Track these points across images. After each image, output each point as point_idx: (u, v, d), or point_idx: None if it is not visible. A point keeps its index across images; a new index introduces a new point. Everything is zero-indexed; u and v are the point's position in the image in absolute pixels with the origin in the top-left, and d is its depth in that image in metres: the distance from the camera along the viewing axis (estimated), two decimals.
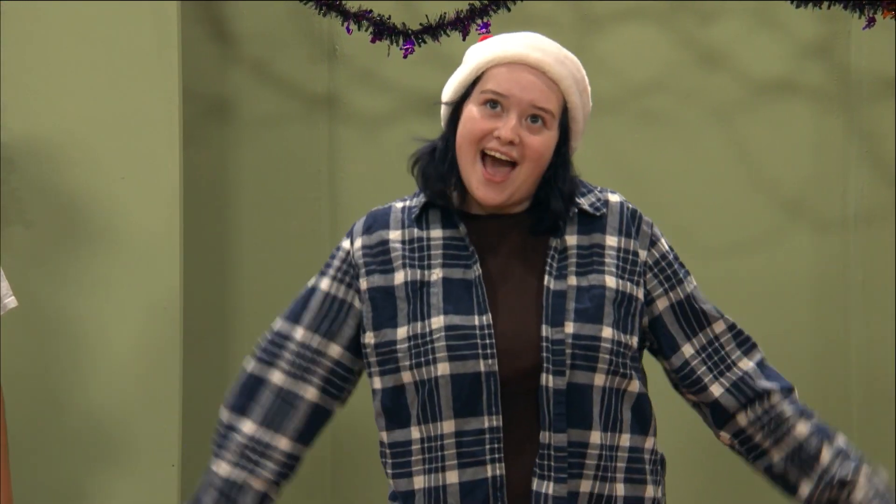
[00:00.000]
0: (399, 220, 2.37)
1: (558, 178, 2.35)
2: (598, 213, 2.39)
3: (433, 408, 2.24)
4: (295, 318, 2.39)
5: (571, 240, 2.35)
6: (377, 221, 2.39)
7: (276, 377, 2.38)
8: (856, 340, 4.26)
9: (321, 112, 4.18)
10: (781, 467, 2.40)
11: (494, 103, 2.29)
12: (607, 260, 2.36)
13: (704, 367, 2.42)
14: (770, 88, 4.24)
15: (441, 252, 2.32)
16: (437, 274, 2.29)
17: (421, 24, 3.80)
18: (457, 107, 2.35)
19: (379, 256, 2.34)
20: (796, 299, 4.26)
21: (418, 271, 2.30)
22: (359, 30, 3.81)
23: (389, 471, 2.32)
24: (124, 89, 3.66)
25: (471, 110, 2.31)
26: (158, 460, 3.66)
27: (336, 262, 2.39)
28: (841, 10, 3.82)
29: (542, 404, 2.23)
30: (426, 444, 2.26)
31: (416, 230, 2.35)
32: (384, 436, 2.31)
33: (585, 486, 2.25)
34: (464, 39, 3.80)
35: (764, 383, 2.40)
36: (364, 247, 2.36)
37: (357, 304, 2.34)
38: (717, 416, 2.43)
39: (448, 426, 2.23)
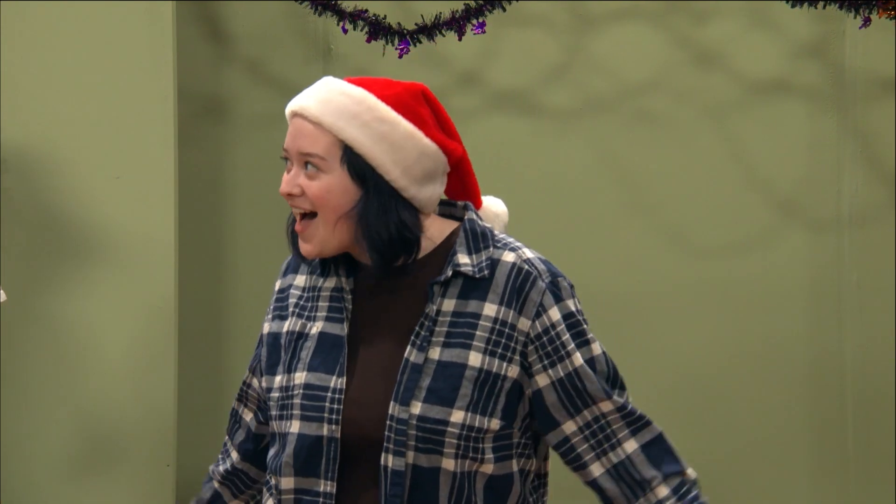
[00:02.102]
0: (313, 265, 2.32)
1: (369, 220, 2.18)
2: (477, 276, 2.21)
3: (278, 461, 2.21)
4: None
5: (449, 305, 2.19)
6: (290, 265, 2.38)
7: (234, 404, 2.51)
8: (851, 341, 4.25)
9: None
10: None
11: (285, 160, 2.24)
12: (478, 333, 2.18)
13: (586, 445, 2.24)
14: (764, 88, 4.23)
15: (326, 304, 2.25)
16: (316, 328, 2.24)
17: (416, 24, 3.77)
18: None
19: (283, 301, 2.33)
20: (790, 299, 4.25)
21: (302, 322, 2.26)
22: (354, 29, 3.78)
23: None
24: (119, 89, 3.65)
25: None
26: (154, 460, 3.66)
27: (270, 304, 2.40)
28: (836, 10, 3.78)
29: (380, 483, 2.15)
30: (273, 492, 2.25)
31: (315, 277, 2.30)
32: (273, 479, 2.30)
33: None
34: (459, 39, 3.77)
35: (648, 470, 2.25)
36: (278, 290, 2.36)
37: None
38: (602, 497, 2.26)
39: (288, 482, 2.20)
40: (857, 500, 4.24)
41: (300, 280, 2.32)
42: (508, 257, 2.23)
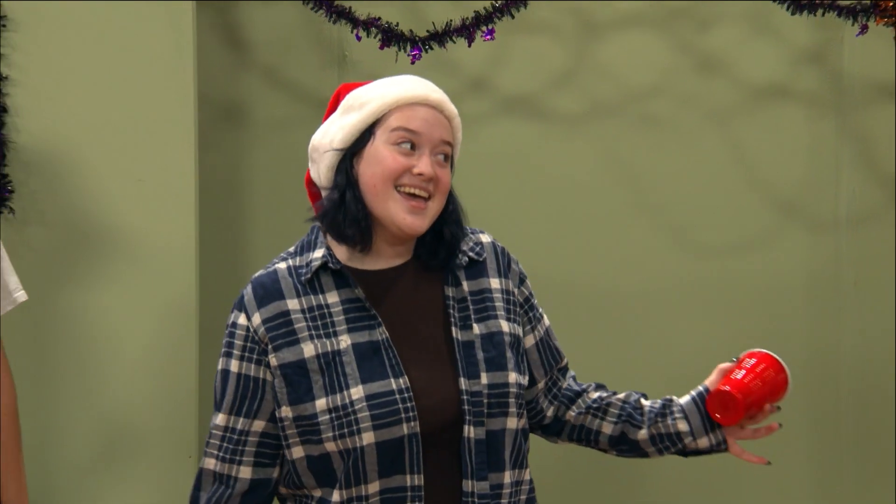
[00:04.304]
0: (292, 287, 2.31)
1: (454, 205, 2.38)
2: (480, 258, 2.40)
3: (357, 473, 2.21)
4: (217, 406, 2.34)
5: (464, 288, 2.35)
6: (268, 291, 2.31)
7: (210, 464, 2.34)
8: (848, 337, 4.28)
9: None
10: (617, 430, 2.47)
11: (407, 142, 2.27)
12: (497, 304, 2.37)
13: (546, 400, 2.51)
14: (765, 93, 4.24)
15: (343, 318, 2.27)
16: (345, 341, 2.24)
17: (428, 31, 3.77)
18: (350, 152, 2.33)
19: (282, 329, 2.27)
20: (790, 298, 4.27)
21: (326, 341, 2.25)
22: (368, 36, 3.79)
23: None
24: (141, 94, 3.64)
25: (378, 150, 2.28)
26: (176, 451, 3.65)
27: (238, 342, 2.31)
28: (835, 18, 3.80)
29: (463, 455, 2.23)
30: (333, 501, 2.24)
31: (312, 297, 2.29)
32: (317, 492, 2.28)
33: None
34: (469, 46, 3.79)
35: (580, 386, 2.55)
36: (265, 321, 2.28)
37: (270, 378, 2.28)
38: (552, 427, 2.53)
39: (373, 487, 2.21)
40: (853, 488, 4.26)
41: (294, 304, 2.29)
42: (485, 238, 2.45)
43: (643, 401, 2.49)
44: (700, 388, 2.45)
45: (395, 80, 2.37)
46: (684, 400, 2.45)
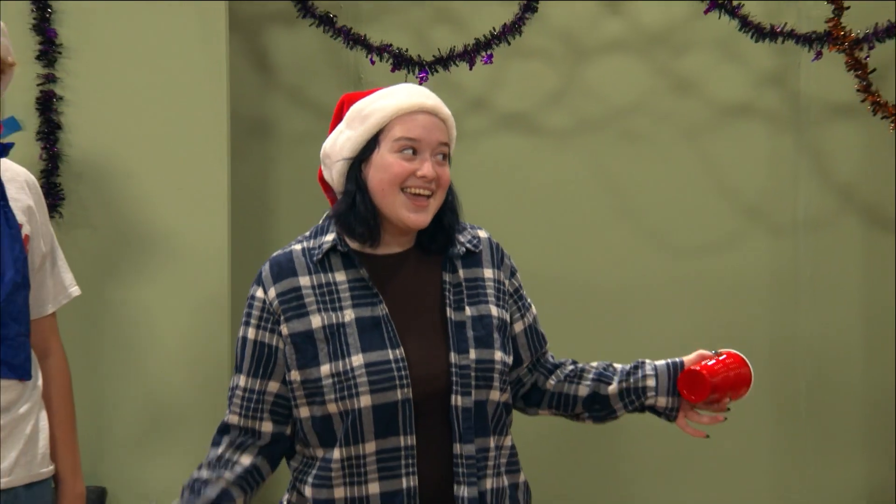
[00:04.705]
0: (305, 266, 2.31)
1: (452, 196, 2.36)
2: (476, 250, 2.39)
3: (356, 433, 2.21)
4: (238, 369, 2.33)
5: (459, 275, 2.35)
6: (283, 269, 2.31)
7: (234, 419, 2.33)
8: (805, 327, 4.27)
9: None
10: (591, 390, 2.46)
11: (409, 148, 2.26)
12: (489, 291, 2.36)
13: (528, 374, 2.50)
14: (732, 111, 4.24)
15: (349, 294, 2.27)
16: (349, 315, 2.24)
17: (434, 56, 3.79)
18: (358, 160, 2.31)
19: (293, 302, 2.27)
20: (754, 293, 4.26)
21: (332, 314, 2.25)
22: (381, 60, 3.81)
23: (310, 479, 2.29)
24: (179, 112, 3.67)
25: (384, 158, 2.26)
26: (211, 426, 3.44)
27: (255, 312, 2.32)
28: (793, 45, 3.85)
29: (452, 421, 2.23)
30: (347, 462, 2.23)
31: (322, 275, 2.29)
32: (320, 451, 2.28)
33: (489, 483, 2.29)
34: (470, 69, 3.81)
35: (559, 361, 2.52)
36: (279, 295, 2.28)
37: (282, 345, 2.28)
38: (533, 397, 2.51)
39: (370, 447, 2.21)
40: (811, 458, 4.26)
41: (305, 281, 2.29)
42: (482, 234, 2.43)
43: (615, 364, 2.47)
44: (677, 360, 2.44)
45: (393, 91, 2.34)
46: (659, 363, 2.43)
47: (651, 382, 2.42)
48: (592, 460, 4.23)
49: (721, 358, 2.42)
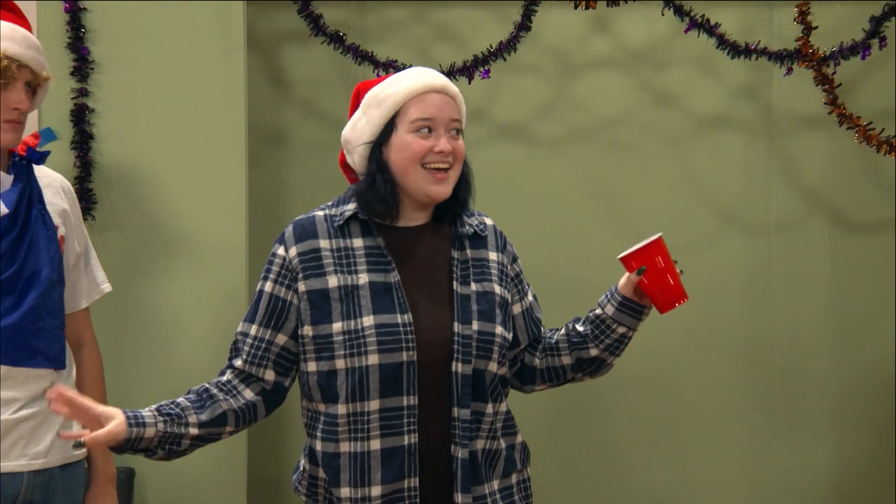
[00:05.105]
0: (326, 230, 2.34)
1: (465, 167, 2.40)
2: (483, 234, 2.42)
3: (362, 390, 2.23)
4: (250, 318, 2.36)
5: (469, 253, 2.38)
6: (305, 231, 2.35)
7: (239, 363, 2.37)
8: (778, 323, 4.24)
9: None
10: (574, 358, 2.46)
11: (425, 127, 2.29)
12: (493, 271, 2.39)
13: (528, 355, 2.50)
14: (709, 122, 4.23)
15: (364, 259, 2.29)
16: (363, 278, 2.27)
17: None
18: (378, 143, 2.34)
19: (312, 262, 2.30)
20: (730, 290, 4.24)
21: (348, 276, 2.27)
22: (387, 75, 3.80)
23: (318, 434, 2.31)
24: (202, 123, 3.66)
25: (403, 139, 2.30)
26: None
27: (275, 268, 2.35)
28: (766, 61, 3.87)
29: (452, 386, 2.25)
30: (352, 418, 2.24)
31: (341, 240, 2.32)
32: (322, 406, 2.30)
33: (480, 444, 2.30)
34: (469, 83, 3.82)
35: (543, 334, 2.52)
36: (299, 254, 2.32)
37: (296, 301, 2.31)
38: (526, 375, 2.50)
39: (374, 404, 2.23)
40: (781, 441, 4.23)
41: (325, 243, 2.31)
42: (488, 221, 2.48)
43: (578, 327, 2.46)
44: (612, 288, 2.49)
45: (404, 76, 2.37)
46: (609, 310, 2.45)
47: (609, 311, 2.45)
48: (581, 438, 4.23)
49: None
